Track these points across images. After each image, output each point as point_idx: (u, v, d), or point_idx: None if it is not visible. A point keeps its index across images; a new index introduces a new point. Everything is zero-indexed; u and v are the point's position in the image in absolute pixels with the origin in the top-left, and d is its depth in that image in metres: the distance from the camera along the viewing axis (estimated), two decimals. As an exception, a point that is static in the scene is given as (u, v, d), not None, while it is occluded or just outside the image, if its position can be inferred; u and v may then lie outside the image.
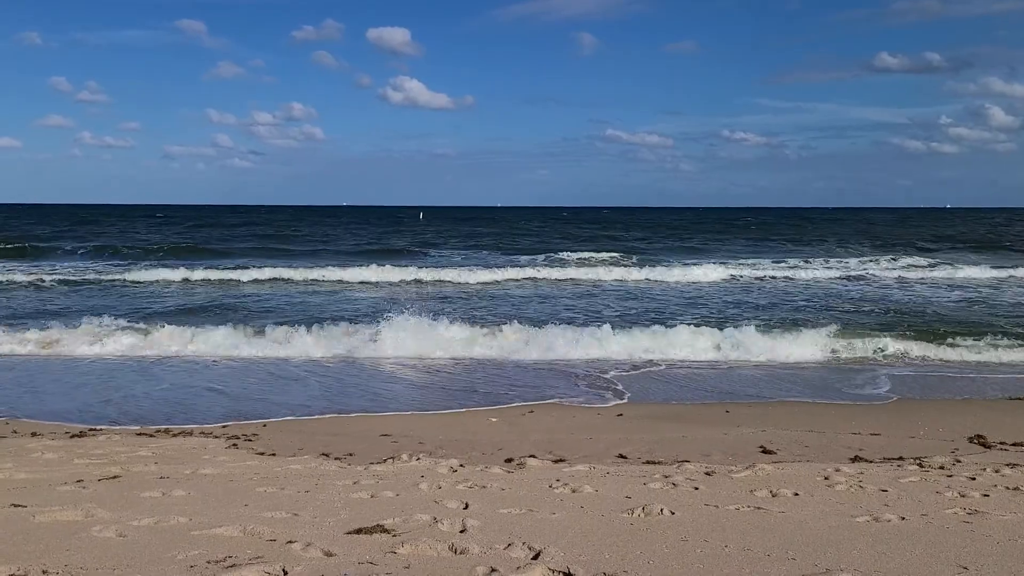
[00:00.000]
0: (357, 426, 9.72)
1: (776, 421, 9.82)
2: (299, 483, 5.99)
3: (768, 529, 4.51)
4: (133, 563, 3.77)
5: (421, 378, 13.24)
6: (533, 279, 29.65)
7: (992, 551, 4.08)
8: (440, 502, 5.22)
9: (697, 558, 3.94)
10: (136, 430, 9.23)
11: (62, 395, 11.69)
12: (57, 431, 9.08)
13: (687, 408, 10.87)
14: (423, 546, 4.07)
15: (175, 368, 13.74)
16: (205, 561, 3.80)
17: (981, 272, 31.58)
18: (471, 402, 11.30)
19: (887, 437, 8.89)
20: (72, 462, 7.04)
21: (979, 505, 5.15)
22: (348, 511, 4.95)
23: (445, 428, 9.58)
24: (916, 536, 4.37)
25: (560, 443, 8.53)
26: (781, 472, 6.51)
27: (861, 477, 6.26)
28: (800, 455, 7.90)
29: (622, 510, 4.97)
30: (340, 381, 12.95)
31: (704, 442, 8.63)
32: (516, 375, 13.35)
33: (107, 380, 12.75)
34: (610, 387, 12.29)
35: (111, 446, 8.07)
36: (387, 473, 6.59)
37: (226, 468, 6.80)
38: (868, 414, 10.24)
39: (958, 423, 9.58)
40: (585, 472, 6.60)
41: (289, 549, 4.02)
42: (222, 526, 4.45)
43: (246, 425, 9.55)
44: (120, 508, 4.95)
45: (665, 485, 5.90)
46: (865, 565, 3.81)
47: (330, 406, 11.03)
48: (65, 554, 3.90)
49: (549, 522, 4.66)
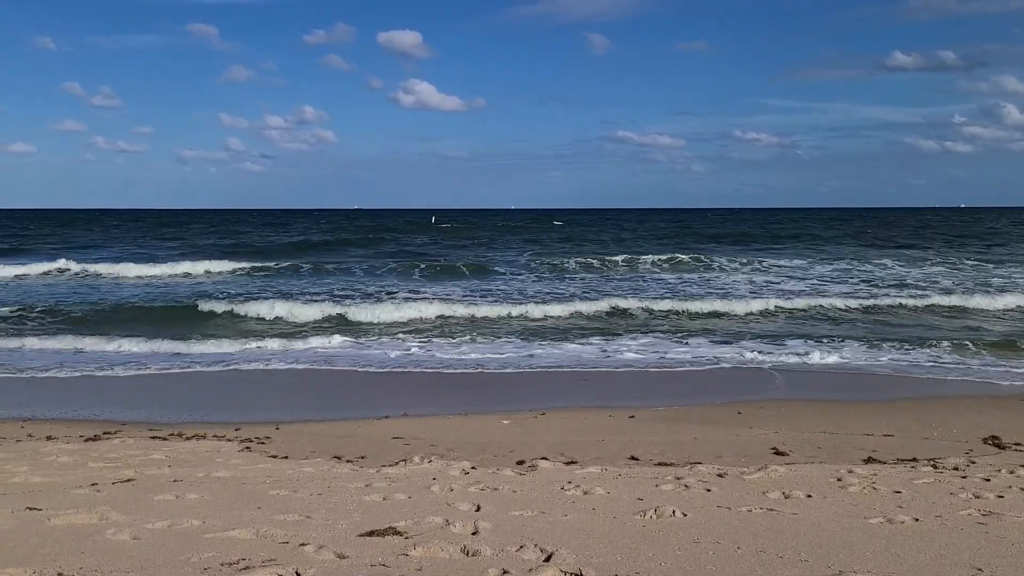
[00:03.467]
0: (369, 429, 9.74)
1: (788, 422, 9.78)
2: (311, 486, 6.01)
3: (781, 531, 4.50)
4: (147, 566, 3.80)
5: (432, 380, 13.26)
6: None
7: (1007, 552, 4.05)
8: (452, 504, 5.23)
9: (709, 560, 3.93)
10: (149, 433, 9.28)
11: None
12: (72, 434, 9.14)
13: (699, 409, 10.84)
14: (435, 548, 4.08)
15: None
16: (219, 564, 3.82)
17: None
18: (482, 404, 11.31)
19: (900, 438, 8.84)
20: (87, 465, 7.09)
21: (994, 506, 5.12)
22: (360, 513, 4.96)
23: (456, 430, 9.59)
24: (930, 538, 4.34)
25: (571, 445, 8.52)
26: (794, 473, 6.48)
27: (874, 478, 6.23)
28: (813, 456, 7.87)
29: (634, 512, 4.96)
30: (348, 385, 12.99)
31: (716, 443, 8.61)
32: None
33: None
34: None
35: (125, 449, 8.12)
36: (399, 475, 6.60)
37: (239, 471, 6.83)
38: (881, 415, 10.18)
39: (972, 424, 9.51)
40: (597, 474, 6.59)
41: (302, 551, 4.03)
42: (235, 529, 4.47)
43: (259, 428, 9.59)
44: (134, 511, 4.98)
45: (677, 487, 5.89)
46: (879, 567, 3.80)
47: (341, 409, 11.07)
48: (80, 557, 3.93)
49: (561, 524, 4.66)
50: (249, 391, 12.62)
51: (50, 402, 11.36)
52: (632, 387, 12.49)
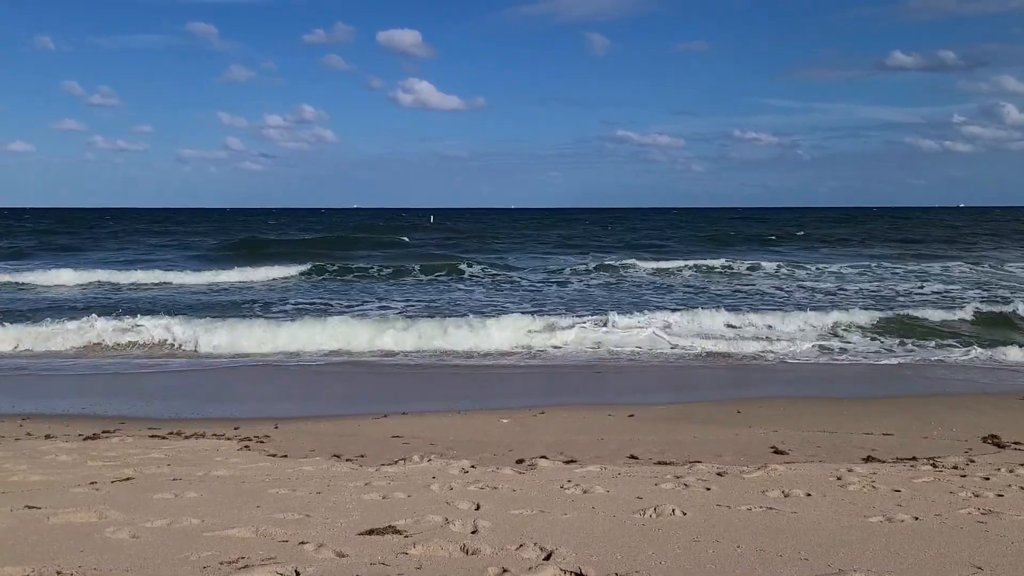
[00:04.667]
0: (368, 428, 9.74)
1: (788, 421, 9.78)
2: (311, 484, 6.00)
3: (780, 530, 4.50)
4: (146, 564, 3.80)
5: (432, 379, 13.26)
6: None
7: (1006, 551, 4.05)
8: (452, 503, 5.23)
9: (709, 559, 3.93)
10: (148, 432, 9.27)
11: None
12: (70, 433, 9.13)
13: (698, 408, 10.84)
14: (435, 547, 4.07)
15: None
16: (218, 562, 3.81)
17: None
18: (481, 403, 11.30)
19: (900, 437, 8.84)
20: (86, 464, 7.08)
21: (993, 505, 5.12)
22: (360, 512, 4.96)
23: (456, 429, 9.58)
24: (930, 536, 4.34)
25: (571, 444, 8.52)
26: (793, 472, 6.48)
27: (874, 477, 6.23)
28: (812, 455, 7.86)
29: (633, 511, 4.96)
30: (351, 383, 12.98)
31: (716, 442, 8.61)
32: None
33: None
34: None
35: (124, 448, 8.11)
36: (398, 474, 6.60)
37: (238, 470, 6.83)
38: (881, 414, 10.18)
39: (972, 423, 9.52)
40: (596, 473, 6.59)
41: (301, 550, 4.03)
42: (234, 527, 4.47)
43: (258, 427, 9.58)
44: (133, 510, 4.97)
45: (677, 486, 5.89)
46: (878, 566, 3.79)
47: (340, 407, 11.06)
48: (79, 555, 3.93)
49: (560, 523, 4.66)
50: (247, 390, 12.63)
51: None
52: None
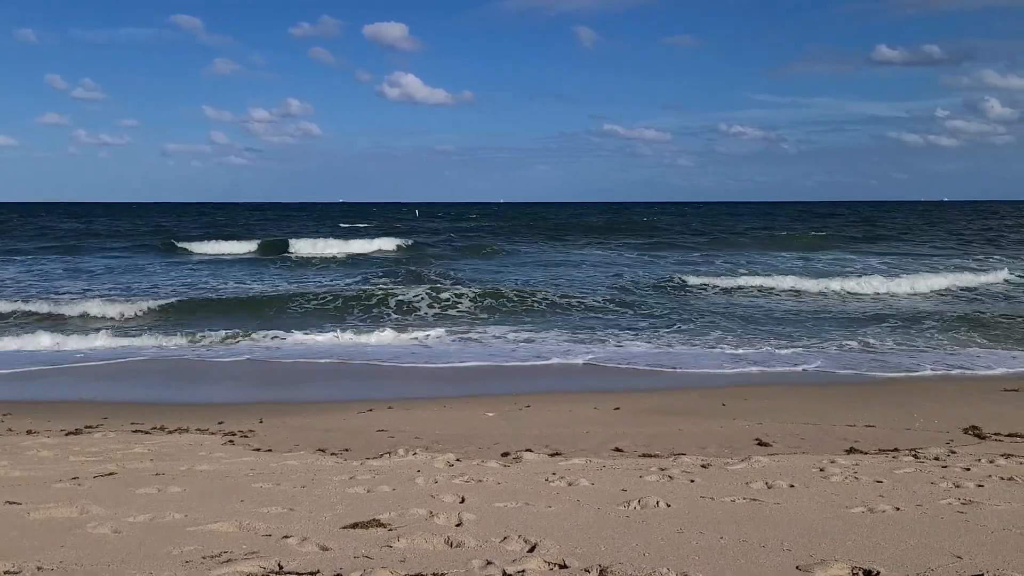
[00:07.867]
0: (353, 421, 9.71)
1: (772, 413, 9.83)
2: (295, 478, 5.98)
3: (763, 521, 4.52)
4: (128, 559, 3.77)
5: (418, 373, 13.25)
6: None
7: (986, 541, 4.09)
8: (436, 496, 5.22)
9: (693, 550, 3.95)
10: (132, 427, 9.21)
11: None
12: (52, 428, 9.06)
13: (684, 401, 10.88)
14: (419, 540, 4.07)
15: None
16: (200, 557, 3.79)
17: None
18: (467, 396, 11.30)
19: (882, 429, 8.91)
20: (67, 459, 7.03)
21: (974, 495, 5.17)
22: (344, 506, 4.94)
23: (441, 423, 9.58)
24: (911, 526, 4.38)
25: (556, 437, 8.54)
26: (777, 464, 6.52)
27: (856, 468, 6.28)
28: (796, 447, 7.92)
29: (618, 503, 4.97)
30: (335, 377, 12.95)
31: (700, 435, 8.65)
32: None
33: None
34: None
35: (107, 443, 8.06)
36: (383, 468, 6.58)
37: (222, 464, 6.80)
38: (864, 406, 10.26)
39: (953, 414, 9.60)
40: (581, 465, 6.60)
41: (285, 544, 4.02)
42: (218, 522, 4.45)
43: (242, 421, 9.54)
44: (115, 505, 4.94)
45: (661, 478, 5.91)
46: (860, 556, 3.82)
47: (325, 401, 11.04)
48: (60, 551, 3.89)
49: (545, 515, 4.67)
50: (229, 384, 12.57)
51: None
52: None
